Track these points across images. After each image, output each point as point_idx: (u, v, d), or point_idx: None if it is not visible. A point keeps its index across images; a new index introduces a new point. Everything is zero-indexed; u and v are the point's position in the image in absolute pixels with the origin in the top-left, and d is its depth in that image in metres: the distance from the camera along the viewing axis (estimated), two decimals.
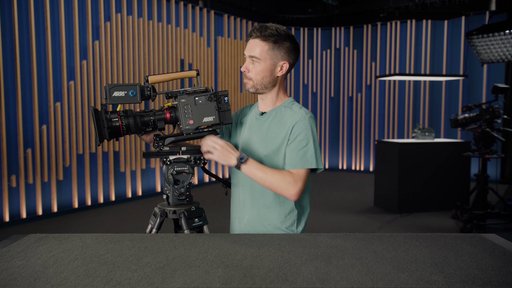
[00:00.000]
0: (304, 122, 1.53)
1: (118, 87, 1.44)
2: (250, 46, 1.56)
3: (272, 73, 1.57)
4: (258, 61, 1.55)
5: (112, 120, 1.45)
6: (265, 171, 1.47)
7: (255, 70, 1.56)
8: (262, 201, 1.59)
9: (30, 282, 0.98)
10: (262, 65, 1.55)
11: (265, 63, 1.55)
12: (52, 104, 5.02)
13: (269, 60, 1.55)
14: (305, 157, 1.50)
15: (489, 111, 4.48)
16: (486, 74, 7.57)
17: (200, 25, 7.13)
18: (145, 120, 1.51)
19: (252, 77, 1.57)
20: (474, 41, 4.95)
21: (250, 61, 1.57)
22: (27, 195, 4.85)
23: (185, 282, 0.97)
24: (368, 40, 8.55)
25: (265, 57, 1.54)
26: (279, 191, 1.48)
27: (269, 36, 1.54)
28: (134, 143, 6.08)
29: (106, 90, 1.43)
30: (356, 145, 8.75)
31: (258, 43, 1.55)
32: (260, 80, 1.57)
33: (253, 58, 1.55)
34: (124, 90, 1.45)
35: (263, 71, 1.56)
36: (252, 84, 1.58)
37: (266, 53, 1.54)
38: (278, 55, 1.56)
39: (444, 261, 1.11)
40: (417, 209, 5.25)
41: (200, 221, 1.64)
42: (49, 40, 4.97)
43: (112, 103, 1.44)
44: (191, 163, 1.59)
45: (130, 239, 1.31)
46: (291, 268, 1.06)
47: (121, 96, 1.44)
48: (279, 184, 1.46)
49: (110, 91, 1.43)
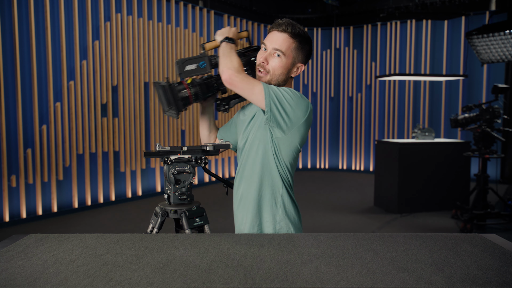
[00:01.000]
0: (297, 97, 1.47)
1: (189, 60, 1.51)
2: (277, 38, 1.50)
3: (289, 72, 1.54)
4: (282, 56, 1.50)
5: (181, 91, 1.52)
6: (233, 56, 1.48)
7: (276, 64, 1.51)
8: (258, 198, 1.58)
9: (30, 282, 0.98)
10: (284, 61, 1.50)
11: (287, 60, 1.50)
12: (52, 104, 5.02)
13: (291, 58, 1.51)
14: (273, 90, 1.44)
15: (489, 111, 4.48)
16: (486, 74, 7.57)
17: (200, 25, 7.13)
18: (209, 85, 1.56)
19: (270, 70, 1.52)
20: (474, 41, 4.95)
21: (272, 54, 1.51)
22: (27, 195, 4.85)
23: (185, 282, 0.97)
24: (368, 40, 8.55)
25: (289, 54, 1.50)
26: (223, 63, 1.46)
27: (297, 35, 1.50)
28: (134, 143, 6.08)
29: (179, 65, 1.49)
30: (356, 145, 8.75)
31: (287, 38, 1.49)
32: (277, 76, 1.52)
33: (278, 51, 1.49)
34: (195, 62, 1.52)
35: (283, 67, 1.51)
36: (268, 79, 1.53)
37: (291, 50, 1.50)
38: (299, 56, 1.53)
39: (444, 261, 1.11)
40: (417, 209, 5.25)
41: (201, 221, 1.64)
42: (49, 40, 4.97)
43: (185, 77, 1.51)
44: (192, 163, 1.59)
45: (130, 239, 1.31)
46: (291, 268, 1.06)
47: (193, 69, 1.52)
48: (231, 61, 1.46)
49: (182, 65, 1.49)
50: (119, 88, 5.83)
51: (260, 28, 8.45)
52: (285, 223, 1.55)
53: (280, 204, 1.55)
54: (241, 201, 1.64)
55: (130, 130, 6.01)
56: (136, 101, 6.06)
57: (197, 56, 1.52)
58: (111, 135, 5.75)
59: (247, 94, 1.45)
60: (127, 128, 5.96)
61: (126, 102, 5.92)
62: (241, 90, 1.45)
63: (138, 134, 6.13)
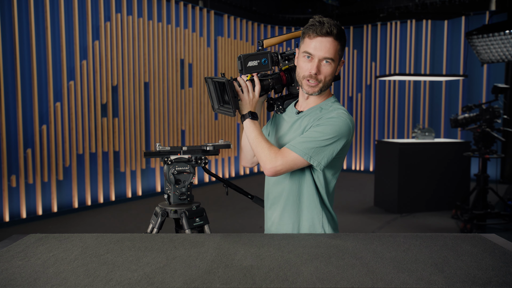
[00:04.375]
0: (335, 119, 1.41)
1: (251, 56, 1.48)
2: (324, 46, 1.40)
3: (335, 71, 1.47)
4: (331, 62, 1.43)
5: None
6: (259, 136, 1.44)
7: (327, 72, 1.44)
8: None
9: (30, 282, 0.98)
10: (333, 66, 1.44)
11: (335, 63, 1.44)
12: (52, 104, 5.02)
13: (337, 60, 1.45)
14: (303, 144, 1.39)
15: (489, 111, 4.48)
16: (486, 74, 7.58)
17: (200, 25, 7.13)
18: (265, 84, 1.53)
19: (322, 79, 1.44)
20: (474, 41, 4.95)
21: (322, 62, 1.43)
22: (27, 195, 4.85)
23: (185, 282, 0.97)
24: (368, 40, 8.55)
25: (336, 57, 1.43)
26: (258, 159, 1.44)
27: (341, 36, 1.43)
28: (134, 143, 6.08)
29: (241, 60, 1.46)
30: (356, 145, 8.75)
31: (332, 42, 1.41)
32: (328, 82, 1.46)
33: (327, 59, 1.42)
34: (257, 59, 1.49)
35: (333, 72, 1.45)
36: (320, 87, 1.45)
37: (337, 53, 1.43)
38: (342, 54, 1.47)
39: (444, 261, 1.11)
40: (417, 209, 5.25)
41: (201, 221, 1.64)
42: (49, 40, 4.97)
43: (247, 73, 1.48)
44: (192, 163, 1.59)
45: (130, 239, 1.31)
46: (291, 268, 1.06)
47: (254, 66, 1.49)
48: (262, 151, 1.42)
49: (245, 61, 1.47)
50: (119, 88, 5.83)
51: (260, 28, 8.45)
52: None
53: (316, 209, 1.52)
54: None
55: (130, 130, 6.01)
56: (136, 101, 6.06)
57: (258, 52, 1.49)
58: (111, 135, 5.75)
59: (295, 169, 1.44)
60: (127, 128, 5.96)
61: (126, 102, 5.92)
62: (288, 171, 1.43)
63: (138, 134, 6.13)
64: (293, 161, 1.40)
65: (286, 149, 1.41)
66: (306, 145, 1.39)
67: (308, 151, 1.39)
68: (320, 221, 1.49)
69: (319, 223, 1.49)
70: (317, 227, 1.49)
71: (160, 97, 6.41)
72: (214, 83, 1.45)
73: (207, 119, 7.24)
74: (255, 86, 1.48)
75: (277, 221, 1.54)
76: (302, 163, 1.41)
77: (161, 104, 6.43)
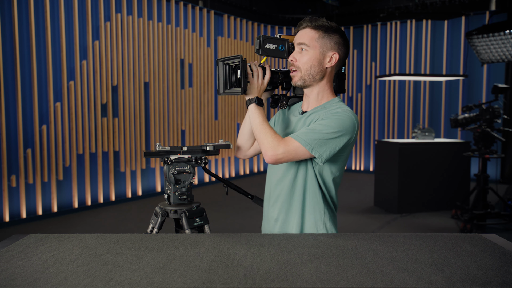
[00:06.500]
0: (340, 114, 1.42)
1: (270, 39, 1.47)
2: (300, 35, 1.48)
3: (320, 62, 1.48)
4: (307, 49, 1.46)
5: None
6: (264, 122, 1.45)
7: (303, 58, 1.47)
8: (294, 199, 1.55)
9: (30, 282, 0.98)
10: (310, 53, 1.46)
11: (314, 51, 1.46)
12: (52, 104, 5.02)
13: (318, 48, 1.46)
14: (307, 135, 1.40)
15: (489, 111, 4.48)
16: (486, 74, 7.58)
17: (200, 25, 7.13)
18: (274, 76, 1.54)
19: (299, 66, 1.48)
20: (474, 41, 4.95)
21: (298, 50, 1.49)
22: (27, 195, 4.85)
23: (185, 282, 0.97)
24: (368, 40, 8.55)
25: (314, 44, 1.46)
26: (261, 145, 1.44)
27: (320, 26, 1.47)
28: (134, 143, 6.08)
29: (260, 40, 1.45)
30: (356, 145, 8.75)
31: (308, 31, 1.47)
32: (308, 69, 1.47)
33: (302, 45, 1.47)
34: (275, 43, 1.48)
35: (312, 59, 1.47)
36: (300, 76, 1.49)
37: (315, 40, 1.46)
38: (328, 45, 1.47)
39: (444, 261, 1.11)
40: (417, 209, 5.25)
41: (201, 221, 1.64)
42: (49, 40, 4.98)
43: (263, 54, 1.47)
44: (192, 163, 1.59)
45: (130, 239, 1.31)
46: (291, 268, 1.06)
47: (271, 49, 1.48)
48: (265, 137, 1.42)
49: (263, 42, 1.46)
50: (119, 88, 5.83)
51: (260, 28, 8.45)
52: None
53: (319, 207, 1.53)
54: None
55: (130, 130, 6.01)
56: (136, 101, 6.06)
57: (278, 38, 1.49)
58: (111, 135, 5.75)
59: (296, 160, 1.44)
60: (127, 128, 5.96)
61: (126, 102, 5.92)
62: (289, 160, 1.44)
63: (138, 134, 6.13)
64: (295, 151, 1.40)
65: (290, 138, 1.42)
66: (310, 136, 1.40)
67: (311, 141, 1.39)
68: (321, 218, 1.51)
69: (321, 219, 1.51)
70: (319, 223, 1.51)
71: (160, 97, 6.41)
72: (224, 66, 1.44)
73: (207, 119, 7.24)
74: (266, 75, 1.50)
75: (282, 220, 1.55)
76: (304, 153, 1.41)
77: (161, 104, 6.43)
